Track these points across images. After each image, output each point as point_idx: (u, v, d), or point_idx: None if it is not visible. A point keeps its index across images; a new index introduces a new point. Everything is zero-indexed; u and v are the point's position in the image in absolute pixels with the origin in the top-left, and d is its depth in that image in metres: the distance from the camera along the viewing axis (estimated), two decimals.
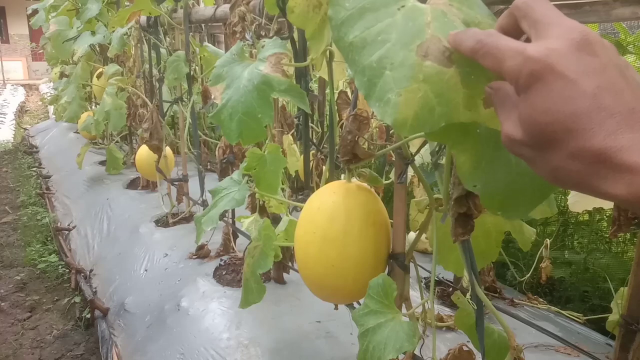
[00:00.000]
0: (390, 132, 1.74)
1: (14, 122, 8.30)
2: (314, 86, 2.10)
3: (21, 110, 10.09)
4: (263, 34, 1.25)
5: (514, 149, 0.44)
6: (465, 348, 0.87)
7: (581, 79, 0.38)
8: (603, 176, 0.36)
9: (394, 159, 1.84)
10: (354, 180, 1.00)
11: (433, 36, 0.49)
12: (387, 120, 0.50)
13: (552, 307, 1.65)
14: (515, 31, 0.45)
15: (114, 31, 2.43)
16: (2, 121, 8.16)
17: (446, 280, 1.68)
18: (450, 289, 1.63)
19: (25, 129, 7.48)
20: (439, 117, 0.49)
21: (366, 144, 1.06)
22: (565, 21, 0.41)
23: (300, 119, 1.30)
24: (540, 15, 0.42)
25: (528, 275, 1.68)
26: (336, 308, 1.13)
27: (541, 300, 1.70)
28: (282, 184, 1.55)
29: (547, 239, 1.61)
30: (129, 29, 2.43)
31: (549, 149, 0.39)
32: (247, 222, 1.56)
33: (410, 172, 1.06)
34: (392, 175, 1.75)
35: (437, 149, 0.88)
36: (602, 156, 0.36)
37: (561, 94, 0.38)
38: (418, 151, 0.98)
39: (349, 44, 0.53)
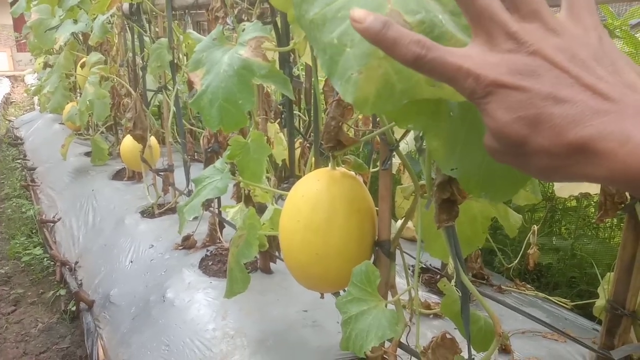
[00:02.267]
0: (377, 119, 1.72)
1: None
2: (301, 74, 2.08)
3: (6, 102, 9.92)
4: (245, 18, 1.22)
5: (498, 159, 0.43)
6: (448, 336, 0.86)
7: (534, 84, 0.38)
8: (584, 163, 0.37)
9: (380, 150, 1.83)
10: (339, 167, 0.99)
11: (393, 10, 0.47)
12: (348, 99, 0.48)
13: (540, 294, 1.65)
14: None
15: (95, 18, 2.38)
16: None
17: (433, 267, 1.68)
18: (438, 277, 1.63)
19: (9, 120, 7.37)
20: (401, 95, 0.48)
21: (351, 130, 1.04)
22: (519, 27, 0.40)
23: (285, 106, 1.28)
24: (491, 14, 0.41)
25: (516, 261, 1.68)
26: (322, 297, 1.12)
27: (529, 286, 1.70)
28: (267, 173, 1.53)
29: (535, 225, 1.61)
30: (111, 16, 2.38)
31: (526, 153, 0.39)
32: (233, 211, 1.54)
33: (397, 159, 1.05)
34: (379, 164, 1.73)
35: (420, 134, 0.86)
36: (575, 149, 0.36)
37: (518, 102, 0.38)
38: (403, 137, 0.96)
39: (310, 22, 0.52)
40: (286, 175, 1.81)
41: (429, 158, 0.74)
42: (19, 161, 4.77)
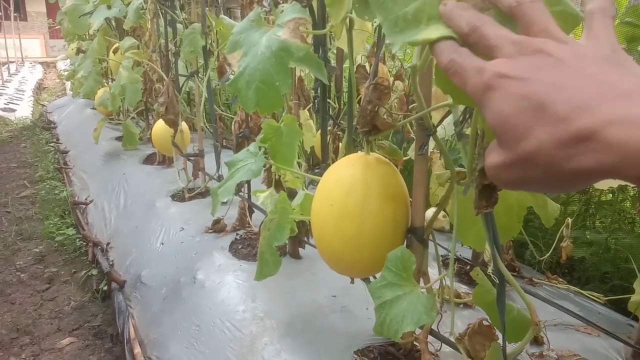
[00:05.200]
0: (411, 106, 1.71)
1: (32, 98, 8.39)
2: (331, 60, 2.07)
3: (39, 87, 10.19)
4: (280, 1, 1.21)
5: (504, 176, 0.43)
6: (485, 323, 0.85)
7: (536, 75, 0.38)
8: (592, 152, 0.35)
9: (411, 134, 1.81)
10: (373, 153, 0.98)
11: None
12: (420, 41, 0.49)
13: (572, 287, 1.62)
14: None
15: (129, 4, 2.41)
16: (20, 98, 8.25)
17: (464, 258, 1.66)
18: (468, 267, 1.61)
19: (43, 105, 7.56)
20: None
21: (386, 115, 1.03)
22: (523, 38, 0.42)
23: (318, 91, 1.27)
24: (496, 36, 0.44)
25: (548, 254, 1.65)
26: (352, 282, 1.12)
27: (560, 279, 1.67)
28: (298, 158, 1.53)
29: (569, 218, 1.58)
30: (144, 2, 2.40)
31: (530, 151, 0.38)
32: (263, 196, 1.55)
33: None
34: (409, 152, 1.72)
35: (461, 118, 0.85)
36: (583, 136, 0.35)
37: (521, 92, 0.38)
38: (440, 122, 0.95)
39: None
40: (315, 162, 1.81)
41: (472, 143, 0.72)
42: (52, 144, 4.89)
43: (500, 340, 0.82)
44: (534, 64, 0.39)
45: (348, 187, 0.91)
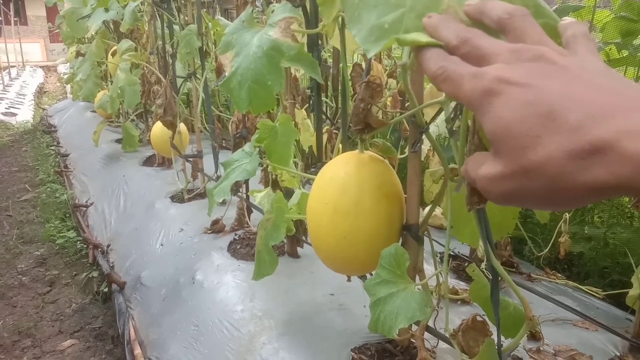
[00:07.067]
0: (406, 104, 1.71)
1: (32, 102, 8.41)
2: (328, 59, 2.07)
3: (40, 91, 10.21)
4: (273, 1, 1.22)
5: (498, 189, 0.40)
6: (479, 318, 0.85)
7: (544, 82, 0.36)
8: (600, 164, 0.33)
9: (409, 132, 1.81)
10: (367, 151, 0.98)
11: (449, 7, 0.47)
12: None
13: (570, 282, 1.62)
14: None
15: (125, 5, 2.41)
16: (21, 102, 8.27)
17: (461, 254, 1.66)
18: (466, 264, 1.61)
19: (43, 109, 7.58)
20: None
21: (379, 113, 1.04)
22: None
23: (313, 90, 1.27)
24: (488, 46, 0.42)
25: (546, 250, 1.65)
26: (349, 280, 1.13)
27: (559, 275, 1.67)
28: (294, 157, 1.54)
29: (567, 213, 1.58)
30: (141, 4, 2.41)
31: (534, 162, 0.35)
32: (260, 196, 1.55)
33: (425, 144, 1.04)
34: (407, 150, 1.72)
35: (452, 115, 0.85)
36: (596, 148, 0.33)
37: (526, 99, 0.36)
38: (433, 119, 0.95)
39: (360, 1, 0.52)
40: (313, 162, 1.81)
41: (463, 139, 0.73)
42: (52, 148, 4.90)
43: (494, 336, 0.82)
44: (537, 70, 0.37)
45: (342, 185, 0.91)
